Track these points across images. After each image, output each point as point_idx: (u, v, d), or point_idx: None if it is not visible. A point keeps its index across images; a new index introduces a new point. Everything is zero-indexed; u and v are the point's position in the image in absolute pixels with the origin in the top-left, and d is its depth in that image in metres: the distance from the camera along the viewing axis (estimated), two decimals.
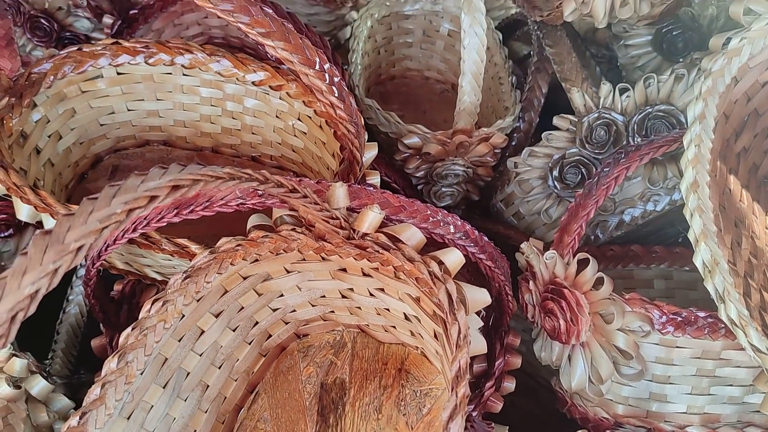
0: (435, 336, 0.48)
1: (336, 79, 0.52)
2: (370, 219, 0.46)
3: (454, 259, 0.44)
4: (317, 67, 0.50)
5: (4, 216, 0.70)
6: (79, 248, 0.30)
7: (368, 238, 0.47)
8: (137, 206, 0.32)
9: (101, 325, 0.65)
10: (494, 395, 0.60)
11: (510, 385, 0.63)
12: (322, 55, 0.50)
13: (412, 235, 0.46)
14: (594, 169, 0.71)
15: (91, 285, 0.57)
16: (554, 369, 0.65)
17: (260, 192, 0.50)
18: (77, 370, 0.73)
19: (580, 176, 0.71)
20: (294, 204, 0.45)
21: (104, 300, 0.61)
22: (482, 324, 0.47)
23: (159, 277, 0.63)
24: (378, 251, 0.46)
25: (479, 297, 0.45)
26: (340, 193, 0.47)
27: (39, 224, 0.72)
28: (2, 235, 0.72)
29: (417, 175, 0.80)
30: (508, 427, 0.59)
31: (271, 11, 0.48)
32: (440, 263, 0.44)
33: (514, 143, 0.83)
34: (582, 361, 0.58)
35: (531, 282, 0.61)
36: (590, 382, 0.58)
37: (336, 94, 0.52)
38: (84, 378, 0.73)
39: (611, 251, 0.73)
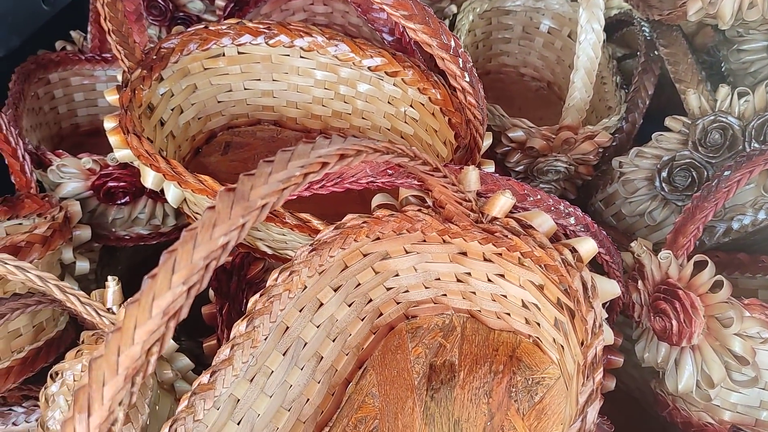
0: (555, 325, 0.48)
1: (468, 65, 0.52)
2: (501, 204, 0.47)
3: (588, 247, 0.44)
4: (452, 51, 0.51)
5: (123, 184, 0.73)
6: (264, 206, 0.31)
7: (497, 222, 0.47)
8: (311, 171, 0.33)
9: (211, 293, 0.67)
10: None
11: (610, 383, 0.62)
12: (457, 40, 0.51)
13: (543, 222, 0.46)
14: (705, 173, 0.70)
15: None
16: (654, 372, 0.65)
17: (390, 171, 0.51)
18: (179, 336, 0.76)
19: (689, 179, 0.70)
20: (432, 183, 0.46)
21: (219, 269, 0.63)
22: (607, 316, 0.47)
23: (269, 252, 0.65)
24: (507, 236, 0.46)
25: (609, 288, 0.45)
26: (472, 177, 0.48)
27: (159, 193, 0.75)
28: (119, 202, 0.75)
29: (517, 169, 0.81)
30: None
31: None
32: (573, 251, 0.44)
33: (615, 144, 0.82)
34: (691, 364, 0.57)
35: (640, 281, 0.61)
36: (697, 387, 0.58)
37: (467, 80, 0.52)
38: (184, 344, 0.76)
39: (717, 257, 0.72)
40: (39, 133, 0.89)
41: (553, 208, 0.52)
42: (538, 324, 0.51)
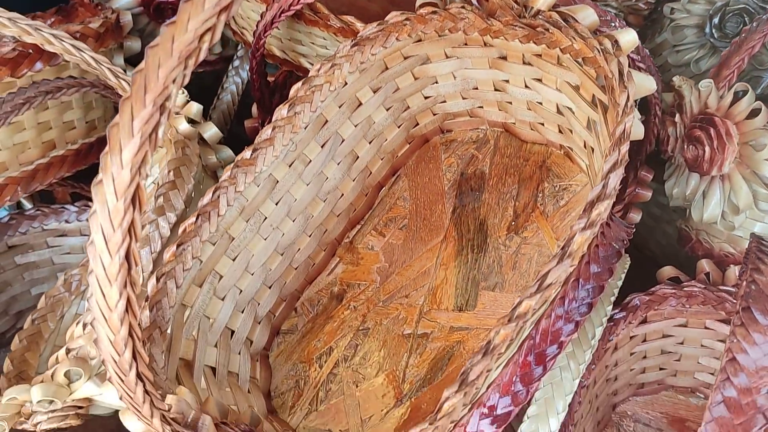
0: (588, 126, 0.49)
1: None
2: None
3: (629, 38, 0.45)
4: None
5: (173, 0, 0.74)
6: None
7: (540, 16, 0.47)
8: None
9: (255, 107, 0.69)
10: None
11: (636, 216, 0.64)
12: None
13: (587, 16, 0.46)
14: None
15: (258, 57, 0.61)
16: (681, 214, 0.66)
17: None
18: None
19: (741, 26, 0.69)
20: None
21: (263, 80, 0.65)
22: (641, 116, 0.48)
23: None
24: (548, 30, 0.47)
25: (646, 83, 0.46)
26: None
27: None
28: (168, 21, 0.76)
29: None
30: (628, 255, 0.61)
31: None
32: (614, 42, 0.45)
33: None
34: (719, 193, 0.58)
35: (677, 115, 0.61)
36: (722, 217, 0.59)
37: None
38: None
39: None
40: None
41: (600, 17, 0.52)
42: (571, 131, 0.52)
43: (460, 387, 0.36)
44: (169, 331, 0.47)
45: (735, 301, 0.57)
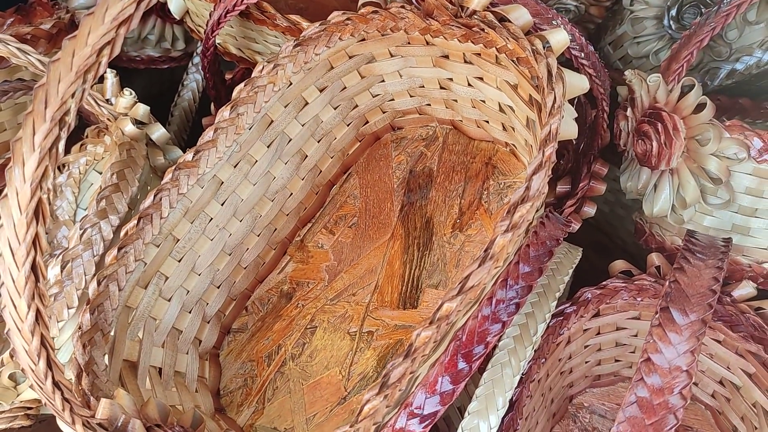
0: (527, 125, 0.49)
1: None
2: None
3: (559, 38, 0.45)
4: None
5: None
6: None
7: (476, 17, 0.47)
8: None
9: (212, 105, 0.69)
10: (573, 216, 0.62)
11: (590, 210, 0.64)
12: None
13: (520, 16, 0.46)
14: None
15: (208, 56, 0.61)
16: (638, 205, 0.66)
17: None
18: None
19: (698, 17, 0.68)
20: None
21: (218, 78, 0.65)
22: (576, 115, 0.48)
23: None
24: (484, 30, 0.47)
25: (577, 82, 0.46)
26: None
27: (167, 13, 0.76)
28: None
29: None
30: (581, 249, 0.61)
31: None
32: (545, 42, 0.45)
33: None
34: (668, 187, 0.58)
35: (629, 109, 0.61)
36: (672, 211, 0.59)
37: None
38: None
39: (718, 100, 0.71)
40: None
41: (541, 14, 0.52)
42: (513, 129, 0.52)
43: (381, 389, 0.36)
44: (112, 333, 0.48)
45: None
